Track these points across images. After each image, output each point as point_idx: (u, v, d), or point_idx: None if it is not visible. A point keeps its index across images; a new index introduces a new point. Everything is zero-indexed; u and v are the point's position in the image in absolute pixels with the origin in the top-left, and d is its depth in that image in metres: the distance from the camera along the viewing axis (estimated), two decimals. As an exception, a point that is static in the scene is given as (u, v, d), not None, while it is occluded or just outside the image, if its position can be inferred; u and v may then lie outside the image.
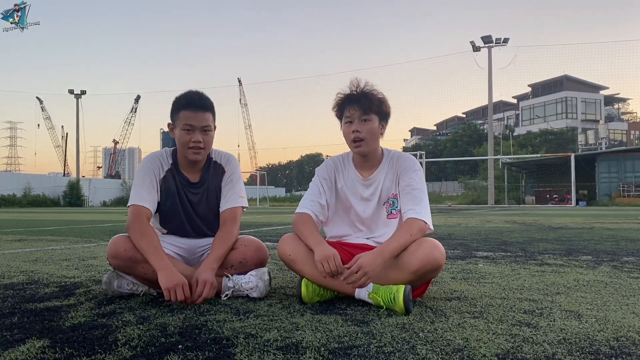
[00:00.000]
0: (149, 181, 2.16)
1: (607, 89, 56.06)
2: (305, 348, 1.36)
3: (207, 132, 2.13)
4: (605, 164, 28.83)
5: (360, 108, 2.02)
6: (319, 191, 2.15)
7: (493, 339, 1.44)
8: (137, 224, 2.02)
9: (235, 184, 2.26)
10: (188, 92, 2.16)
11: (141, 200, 2.10)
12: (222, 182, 2.26)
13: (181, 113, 2.10)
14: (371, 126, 2.03)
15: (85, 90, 46.96)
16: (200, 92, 2.16)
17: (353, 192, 2.15)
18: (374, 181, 2.13)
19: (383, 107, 2.06)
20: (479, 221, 9.20)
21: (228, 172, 2.28)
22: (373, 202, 2.13)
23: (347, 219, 2.17)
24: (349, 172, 2.17)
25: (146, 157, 2.28)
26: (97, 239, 5.33)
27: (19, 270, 2.96)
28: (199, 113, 2.10)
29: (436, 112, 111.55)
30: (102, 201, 41.86)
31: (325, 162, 2.24)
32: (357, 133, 2.03)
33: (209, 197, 2.25)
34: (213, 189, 2.25)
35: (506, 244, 4.60)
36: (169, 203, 2.20)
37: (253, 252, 2.14)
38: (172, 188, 2.20)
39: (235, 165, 2.32)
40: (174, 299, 1.80)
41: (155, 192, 2.17)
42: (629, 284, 2.38)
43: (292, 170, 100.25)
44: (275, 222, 9.06)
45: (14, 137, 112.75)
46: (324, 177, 2.18)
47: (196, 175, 2.24)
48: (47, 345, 1.40)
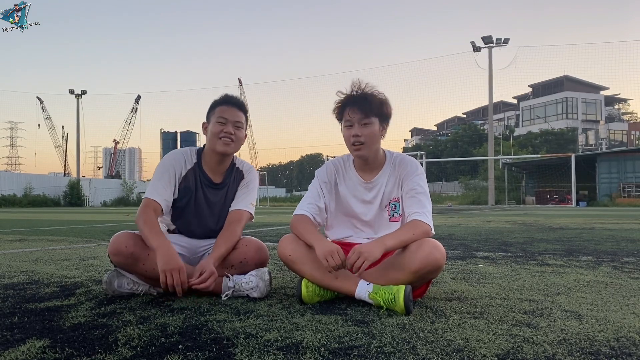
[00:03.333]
0: (167, 177, 2.20)
1: (607, 90, 56.05)
2: (305, 348, 1.36)
3: (238, 127, 2.21)
4: (605, 165, 28.82)
5: (360, 111, 1.98)
6: (318, 194, 2.14)
7: (493, 339, 1.44)
8: (144, 213, 2.07)
9: (250, 190, 2.34)
10: (225, 94, 2.28)
11: (155, 194, 2.15)
12: (239, 186, 2.33)
13: (217, 108, 2.21)
14: (371, 129, 2.00)
15: (85, 90, 47.02)
16: (237, 96, 2.29)
17: (354, 195, 2.14)
18: (376, 184, 2.13)
19: (384, 109, 2.03)
20: (479, 221, 9.20)
21: (247, 178, 2.35)
22: (375, 205, 2.13)
23: (349, 222, 2.17)
24: (350, 175, 2.16)
25: (170, 152, 2.33)
26: (97, 239, 5.33)
27: (19, 270, 2.96)
28: (234, 109, 2.21)
29: (436, 112, 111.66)
30: (102, 201, 41.88)
31: (325, 165, 2.23)
32: (357, 137, 2.00)
33: (227, 200, 2.30)
34: (232, 193, 2.31)
35: (506, 244, 4.60)
36: (185, 201, 2.24)
37: (254, 253, 2.15)
38: (192, 187, 2.24)
39: (255, 175, 2.40)
40: (169, 282, 1.84)
41: (172, 188, 2.20)
42: (629, 285, 2.38)
43: (292, 170, 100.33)
44: (275, 222, 9.06)
45: (15, 137, 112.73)
46: (323, 180, 2.17)
47: (219, 177, 2.29)
48: (47, 345, 1.40)
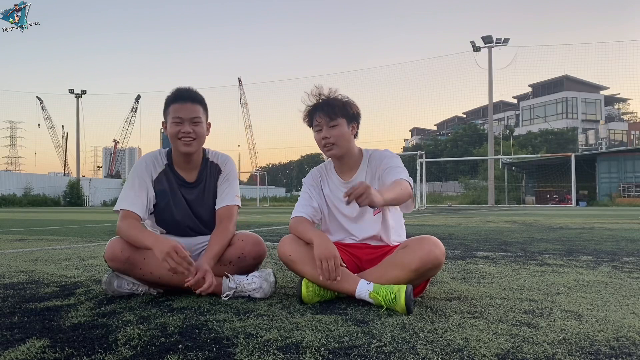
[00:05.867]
0: (138, 184, 2.16)
1: (607, 89, 56.04)
2: (305, 348, 1.36)
3: (196, 123, 2.13)
4: (605, 164, 28.82)
5: (325, 115, 2.07)
6: (310, 196, 2.21)
7: (493, 339, 1.44)
8: (125, 223, 2.05)
9: (231, 182, 2.29)
10: (176, 88, 2.18)
11: (128, 204, 2.11)
12: (218, 180, 2.28)
13: (170, 107, 2.13)
14: (339, 130, 2.07)
15: (85, 90, 46.90)
16: (189, 87, 2.18)
17: (337, 196, 2.18)
18: (355, 182, 2.15)
19: (348, 109, 2.09)
20: (479, 221, 9.20)
21: (225, 171, 2.29)
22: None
23: (338, 224, 2.20)
24: (332, 178, 2.22)
25: (139, 159, 2.28)
26: (97, 239, 5.33)
27: (19, 269, 2.96)
28: (187, 104, 2.12)
29: (436, 112, 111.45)
30: (102, 201, 41.87)
31: (310, 172, 2.31)
32: (327, 139, 2.08)
33: (206, 196, 2.26)
34: (210, 188, 2.26)
35: (506, 244, 4.60)
36: (164, 204, 2.21)
37: (251, 247, 2.15)
38: (166, 188, 2.21)
39: (232, 166, 2.34)
40: (173, 265, 1.82)
41: (146, 195, 2.16)
42: (629, 284, 2.38)
43: (292, 170, 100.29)
44: (275, 222, 9.06)
45: (14, 137, 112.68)
46: (311, 184, 2.24)
47: (192, 174, 2.25)
48: (47, 345, 1.40)
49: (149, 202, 2.18)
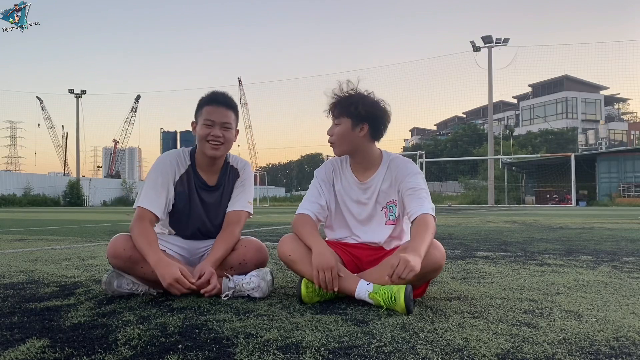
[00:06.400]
0: (160, 183, 2.15)
1: (607, 89, 56.08)
2: (305, 348, 1.36)
3: (227, 128, 2.15)
4: (605, 164, 28.84)
5: (331, 112, 2.09)
6: (318, 192, 2.16)
7: (493, 339, 1.44)
8: (139, 225, 2.05)
9: (246, 188, 2.30)
10: (212, 91, 2.20)
11: (148, 203, 2.11)
12: (234, 184, 2.29)
13: (204, 109, 2.14)
14: (340, 129, 2.06)
15: (85, 89, 47.00)
16: (225, 92, 2.20)
17: (349, 195, 2.16)
18: (371, 185, 2.14)
19: (353, 108, 2.02)
20: (479, 221, 9.20)
21: (242, 176, 2.31)
22: (369, 206, 2.14)
23: (344, 221, 2.18)
24: (346, 175, 2.19)
25: (162, 155, 2.27)
26: (97, 239, 5.33)
27: (19, 269, 2.96)
28: (221, 109, 2.14)
29: (436, 112, 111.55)
30: (102, 201, 41.88)
31: (324, 164, 2.27)
32: (329, 137, 2.10)
33: (223, 200, 2.27)
34: (228, 192, 2.28)
35: (506, 244, 4.60)
36: (181, 205, 2.21)
37: (253, 254, 2.15)
38: (186, 190, 2.21)
39: (250, 172, 2.36)
40: (176, 293, 1.87)
41: (166, 195, 2.16)
42: (629, 284, 2.38)
43: (292, 170, 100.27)
44: (275, 222, 9.06)
45: (14, 137, 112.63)
46: (322, 178, 2.20)
47: (214, 177, 2.26)
48: (47, 345, 1.40)
49: (168, 202, 2.18)
